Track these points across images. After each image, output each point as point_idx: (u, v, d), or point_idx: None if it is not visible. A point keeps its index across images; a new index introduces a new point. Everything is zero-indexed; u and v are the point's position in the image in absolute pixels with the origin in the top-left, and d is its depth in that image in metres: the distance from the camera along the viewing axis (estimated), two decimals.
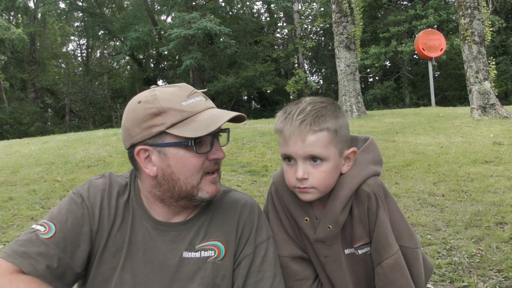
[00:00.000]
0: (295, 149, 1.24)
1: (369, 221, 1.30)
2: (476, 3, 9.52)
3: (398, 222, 1.32)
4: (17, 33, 20.63)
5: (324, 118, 1.24)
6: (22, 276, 1.06)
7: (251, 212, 1.33)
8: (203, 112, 1.19)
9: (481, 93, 9.29)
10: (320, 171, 1.24)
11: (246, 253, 1.27)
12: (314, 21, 28.00)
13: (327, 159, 1.24)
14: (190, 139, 1.15)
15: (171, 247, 1.23)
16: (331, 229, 1.30)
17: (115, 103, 30.72)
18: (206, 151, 1.20)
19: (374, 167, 1.32)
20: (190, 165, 1.18)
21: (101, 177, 1.30)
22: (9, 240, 3.53)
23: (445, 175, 5.03)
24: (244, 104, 30.44)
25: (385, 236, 1.28)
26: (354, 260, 1.36)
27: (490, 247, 3.06)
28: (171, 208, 1.25)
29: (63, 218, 1.18)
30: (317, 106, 1.26)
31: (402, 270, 1.28)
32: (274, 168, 5.69)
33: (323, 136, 1.23)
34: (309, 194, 1.27)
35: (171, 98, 1.18)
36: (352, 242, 1.34)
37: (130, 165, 1.28)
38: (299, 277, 1.37)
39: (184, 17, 20.83)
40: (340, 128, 1.27)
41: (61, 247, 1.14)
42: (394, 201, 1.34)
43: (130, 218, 1.25)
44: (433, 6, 21.21)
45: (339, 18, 11.41)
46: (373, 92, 23.31)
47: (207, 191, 1.21)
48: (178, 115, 1.16)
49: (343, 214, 1.29)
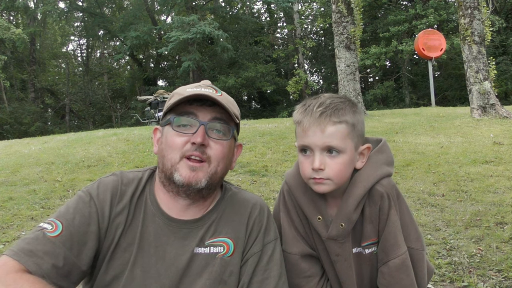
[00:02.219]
0: (314, 139, 1.27)
1: (380, 221, 1.32)
2: (476, 3, 9.51)
3: (408, 223, 1.35)
4: (17, 33, 20.64)
5: (343, 111, 1.28)
6: (28, 275, 1.06)
7: (260, 212, 1.35)
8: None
9: (481, 93, 9.29)
10: (337, 162, 1.27)
11: (254, 251, 1.29)
12: (314, 21, 28.04)
13: (344, 152, 1.27)
14: (172, 116, 1.25)
15: (183, 243, 1.25)
16: (343, 227, 1.32)
17: (115, 103, 30.72)
18: (188, 132, 1.23)
19: (388, 167, 1.35)
20: (171, 141, 1.24)
21: (111, 175, 1.32)
22: (9, 240, 3.53)
23: (445, 175, 5.03)
24: (244, 104, 30.43)
25: (395, 236, 1.31)
26: (360, 260, 1.38)
27: (490, 247, 3.06)
28: (170, 196, 1.27)
29: (70, 217, 1.19)
30: (336, 101, 1.30)
31: (408, 271, 1.30)
32: (274, 168, 5.69)
33: (341, 128, 1.27)
34: (324, 185, 1.29)
35: (183, 87, 1.32)
36: (361, 241, 1.36)
37: (130, 165, 1.29)
38: (307, 274, 1.39)
39: (183, 19, 20.87)
40: (357, 122, 1.31)
41: (67, 245, 1.15)
42: (405, 202, 1.37)
43: (141, 214, 1.27)
44: (433, 6, 21.23)
45: (339, 18, 11.41)
46: (373, 92, 23.33)
47: (181, 174, 1.21)
48: (177, 98, 1.25)
49: (356, 212, 1.31)
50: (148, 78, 28.08)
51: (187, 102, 1.24)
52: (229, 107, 1.26)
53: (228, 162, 1.31)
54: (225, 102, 1.25)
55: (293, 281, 1.38)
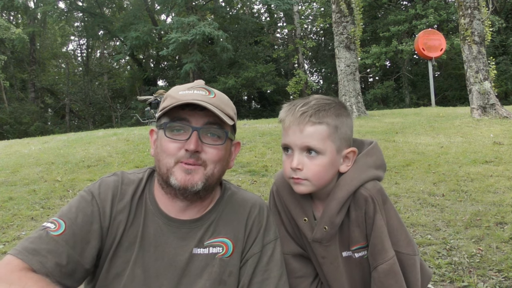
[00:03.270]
0: (293, 138, 1.27)
1: (366, 225, 1.30)
2: (476, 3, 9.51)
3: (396, 228, 1.32)
4: (17, 33, 20.64)
5: (325, 112, 1.26)
6: (32, 274, 1.07)
7: (260, 212, 1.35)
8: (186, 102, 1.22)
9: (481, 93, 9.29)
10: (315, 164, 1.26)
11: (254, 251, 1.29)
12: (314, 21, 28.03)
13: (323, 153, 1.26)
14: (164, 122, 1.24)
15: (181, 243, 1.25)
16: (326, 230, 1.30)
17: (115, 103, 30.72)
18: (181, 139, 1.21)
19: (375, 171, 1.32)
20: (164, 147, 1.23)
21: (112, 175, 1.33)
22: (9, 240, 3.53)
23: (445, 175, 5.03)
24: (244, 104, 30.43)
25: (381, 241, 1.28)
26: (351, 263, 1.36)
27: (490, 247, 3.06)
28: (168, 197, 1.27)
29: (73, 216, 1.20)
30: (322, 102, 1.29)
31: (396, 277, 1.27)
32: (274, 168, 5.69)
33: (321, 129, 1.25)
34: (302, 186, 1.28)
35: (176, 88, 1.30)
36: (349, 245, 1.35)
37: (130, 165, 1.30)
38: (298, 275, 1.38)
39: (182, 20, 20.86)
40: (341, 125, 1.28)
41: (70, 244, 1.15)
42: (393, 207, 1.34)
43: (142, 214, 1.27)
44: (433, 6, 21.23)
45: (339, 18, 11.41)
46: (373, 92, 23.32)
47: (177, 178, 1.21)
48: (170, 101, 1.24)
49: (339, 215, 1.29)
50: (148, 78, 28.07)
51: (179, 107, 1.22)
52: (222, 109, 1.24)
53: (225, 163, 1.30)
54: (218, 105, 1.23)
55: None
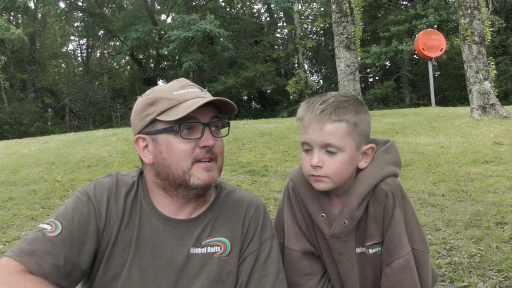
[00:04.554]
0: (313, 136, 1.28)
1: (384, 220, 1.32)
2: (476, 3, 9.51)
3: (413, 225, 1.34)
4: (17, 33, 20.64)
5: (345, 110, 1.27)
6: (30, 275, 1.07)
7: (256, 211, 1.35)
8: (191, 100, 1.23)
9: (481, 93, 9.29)
10: (335, 161, 1.27)
11: (251, 249, 1.30)
12: (314, 21, 28.02)
13: (343, 150, 1.27)
14: (174, 124, 1.20)
15: (178, 243, 1.26)
16: (346, 224, 1.32)
17: (115, 103, 30.69)
18: (196, 137, 1.22)
19: (393, 167, 1.35)
20: (178, 150, 1.21)
21: (107, 176, 1.33)
22: (9, 240, 3.54)
23: (445, 175, 5.03)
24: (244, 104, 30.42)
25: (399, 236, 1.30)
26: (363, 260, 1.37)
27: (490, 247, 3.06)
28: (173, 199, 1.28)
29: (69, 217, 1.20)
30: (340, 99, 1.30)
31: (411, 272, 1.29)
32: (274, 168, 5.69)
33: (341, 126, 1.26)
34: (322, 183, 1.30)
35: (165, 89, 1.27)
36: (365, 240, 1.36)
37: (130, 165, 1.29)
38: (307, 272, 1.39)
39: (183, 18, 20.83)
40: (360, 122, 1.30)
41: (67, 245, 1.15)
42: (410, 203, 1.36)
43: (137, 215, 1.27)
44: (433, 6, 21.22)
45: (339, 18, 11.41)
46: (373, 92, 23.30)
47: (199, 178, 1.22)
48: (167, 103, 1.22)
49: (359, 209, 1.31)
50: (148, 78, 28.06)
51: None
52: (226, 101, 1.26)
53: None
54: (220, 99, 1.25)
55: (294, 279, 1.37)
